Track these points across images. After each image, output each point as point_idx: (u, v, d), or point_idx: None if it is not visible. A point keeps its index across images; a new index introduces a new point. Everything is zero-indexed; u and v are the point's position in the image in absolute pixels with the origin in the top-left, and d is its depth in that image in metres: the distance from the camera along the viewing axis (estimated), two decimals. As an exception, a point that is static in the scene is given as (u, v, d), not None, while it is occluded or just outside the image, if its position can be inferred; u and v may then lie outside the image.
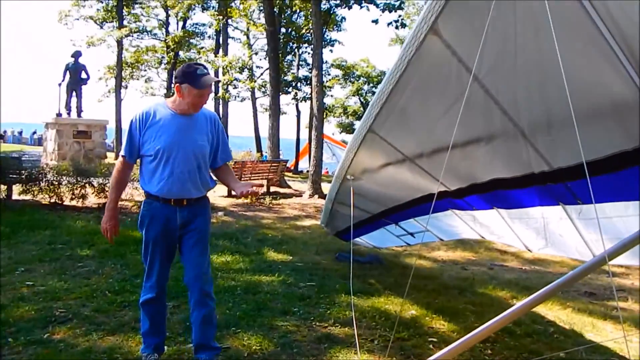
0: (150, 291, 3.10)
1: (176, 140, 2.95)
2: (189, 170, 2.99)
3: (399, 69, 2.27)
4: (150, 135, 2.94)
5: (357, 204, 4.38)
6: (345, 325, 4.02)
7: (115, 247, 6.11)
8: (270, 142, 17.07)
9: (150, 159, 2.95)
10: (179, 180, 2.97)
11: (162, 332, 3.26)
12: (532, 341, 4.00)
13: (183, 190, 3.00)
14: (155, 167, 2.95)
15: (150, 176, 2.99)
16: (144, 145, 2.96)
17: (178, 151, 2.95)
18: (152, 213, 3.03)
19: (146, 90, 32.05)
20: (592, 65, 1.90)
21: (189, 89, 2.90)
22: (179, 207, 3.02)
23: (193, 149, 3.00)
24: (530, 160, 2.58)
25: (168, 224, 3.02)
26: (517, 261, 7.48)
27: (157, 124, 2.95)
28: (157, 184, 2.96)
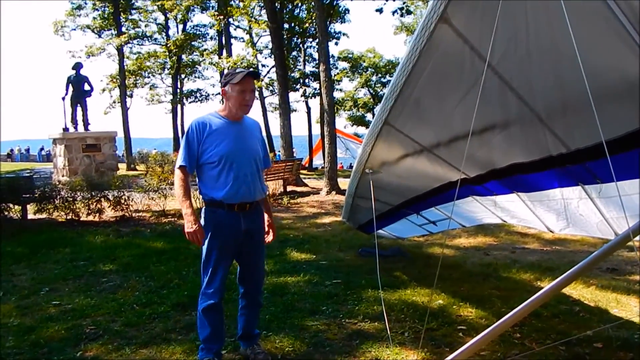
0: (212, 297, 3.21)
1: (236, 146, 3.17)
2: (251, 174, 3.22)
3: (410, 60, 2.35)
4: (210, 143, 3.13)
5: (378, 197, 4.46)
6: (375, 320, 4.14)
7: (138, 259, 6.33)
8: (283, 141, 17.16)
9: (213, 165, 3.14)
10: (244, 184, 3.17)
11: (222, 338, 3.41)
12: (559, 322, 4.10)
13: (248, 193, 3.21)
14: (219, 173, 3.14)
15: (213, 182, 3.16)
16: (204, 153, 3.14)
17: (239, 156, 3.17)
18: (217, 221, 3.17)
19: (152, 98, 32.28)
20: (606, 46, 1.96)
21: (231, 87, 3.14)
22: (242, 213, 3.20)
23: (251, 153, 3.26)
24: (548, 144, 2.66)
25: (234, 231, 3.20)
26: (538, 243, 7.57)
27: (215, 132, 3.15)
28: (222, 188, 3.14)
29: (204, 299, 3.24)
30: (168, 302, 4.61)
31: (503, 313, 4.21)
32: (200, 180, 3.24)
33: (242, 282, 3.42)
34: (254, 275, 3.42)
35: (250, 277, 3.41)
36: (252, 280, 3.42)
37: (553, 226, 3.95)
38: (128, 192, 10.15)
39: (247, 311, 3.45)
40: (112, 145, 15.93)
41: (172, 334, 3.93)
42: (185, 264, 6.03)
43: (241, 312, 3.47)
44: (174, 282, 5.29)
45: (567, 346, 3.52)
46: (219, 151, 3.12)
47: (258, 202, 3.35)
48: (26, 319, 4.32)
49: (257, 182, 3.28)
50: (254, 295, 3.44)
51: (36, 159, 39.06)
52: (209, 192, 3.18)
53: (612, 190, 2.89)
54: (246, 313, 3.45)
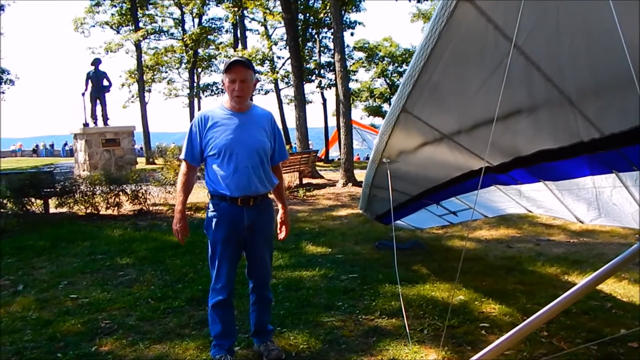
0: (220, 293, 3.16)
1: (237, 136, 3.06)
2: (252, 166, 3.09)
3: (429, 42, 2.18)
4: (211, 136, 3.07)
5: (396, 187, 4.33)
6: (393, 316, 3.97)
7: (154, 252, 6.30)
8: (299, 133, 17.05)
9: (214, 158, 3.07)
10: (244, 175, 3.06)
11: (234, 334, 3.36)
12: (590, 319, 3.87)
13: (249, 185, 3.09)
14: (219, 165, 3.07)
15: (215, 175, 3.09)
16: (206, 146, 3.09)
17: (240, 147, 3.06)
18: (220, 214, 3.11)
19: (169, 92, 32.53)
20: None
21: (226, 76, 3.06)
22: (246, 208, 3.10)
23: (254, 144, 3.11)
24: (579, 129, 2.47)
25: (236, 225, 3.11)
26: (564, 234, 7.28)
27: (217, 124, 3.08)
28: (223, 181, 3.06)
29: (213, 294, 3.20)
30: (182, 297, 4.56)
31: (528, 309, 4.05)
32: (206, 173, 3.17)
33: (250, 276, 3.35)
34: (259, 270, 3.32)
35: (255, 271, 3.32)
36: (258, 275, 3.33)
37: (583, 216, 3.72)
38: (146, 186, 10.17)
39: (257, 306, 3.37)
40: (131, 140, 15.98)
41: (186, 329, 3.87)
42: (201, 258, 5.91)
43: (252, 308, 3.39)
44: (188, 276, 5.23)
45: (599, 345, 3.29)
46: (218, 143, 3.05)
47: (266, 196, 3.23)
48: (44, 312, 4.33)
49: (261, 175, 3.14)
50: (260, 289, 3.36)
51: (60, 154, 39.67)
52: (213, 184, 3.12)
53: (651, 177, 2.69)
54: (256, 308, 3.37)
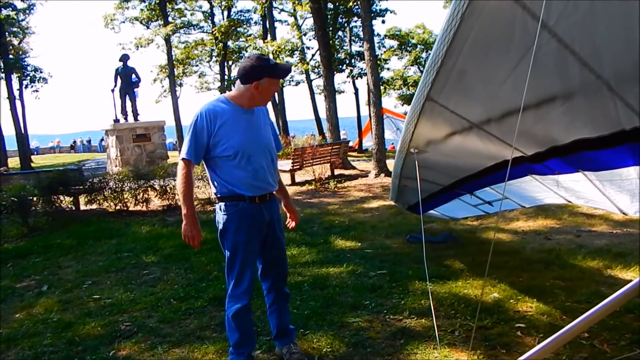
0: (242, 299, 3.03)
1: (251, 136, 2.98)
2: (267, 164, 3.05)
3: (452, 26, 2.05)
4: (223, 135, 2.90)
5: (426, 177, 4.22)
6: (422, 316, 3.85)
7: (179, 250, 6.31)
8: (329, 124, 16.97)
9: (230, 159, 2.92)
10: (263, 175, 3.02)
11: (254, 341, 3.25)
12: (635, 318, 3.64)
13: (267, 184, 3.06)
14: (236, 166, 2.93)
15: (231, 175, 2.95)
16: (217, 146, 2.91)
17: (255, 147, 2.99)
18: (240, 215, 2.96)
19: (201, 86, 32.95)
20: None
21: (270, 81, 2.92)
22: (263, 204, 3.04)
23: (266, 143, 3.08)
24: (620, 116, 2.29)
25: (258, 223, 3.04)
26: (607, 225, 6.92)
27: (227, 122, 2.91)
28: (242, 182, 2.95)
29: (232, 302, 3.04)
30: (205, 297, 4.54)
31: (567, 307, 3.86)
32: (216, 174, 3.00)
33: (267, 276, 3.24)
34: (279, 267, 3.25)
35: (275, 269, 3.23)
36: (278, 273, 3.25)
37: (626, 208, 3.51)
38: (175, 180, 10.19)
39: (278, 306, 3.28)
40: (161, 135, 16.16)
41: (207, 331, 3.83)
42: (226, 254, 5.93)
43: (271, 310, 3.29)
44: (213, 275, 5.21)
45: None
46: (233, 144, 2.91)
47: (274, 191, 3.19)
48: (66, 314, 4.36)
49: (273, 172, 3.13)
50: (280, 287, 3.28)
51: (97, 149, 40.69)
52: (229, 186, 2.96)
53: (699, 168, 2.50)
54: (277, 309, 3.28)
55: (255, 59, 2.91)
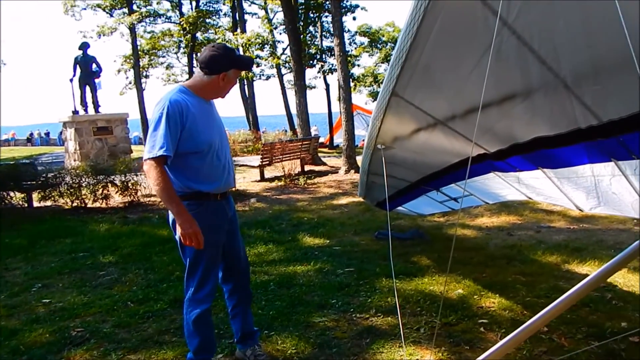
0: (204, 302, 2.90)
1: (216, 130, 2.90)
2: (230, 159, 3.00)
3: (415, 20, 2.07)
4: (193, 130, 2.73)
5: (393, 173, 4.28)
6: (388, 313, 3.89)
7: (140, 249, 6.17)
8: (300, 119, 16.96)
9: (199, 155, 2.78)
10: (230, 171, 2.97)
11: (215, 345, 3.15)
12: (590, 311, 3.80)
13: (232, 180, 3.02)
14: (204, 161, 2.80)
15: (197, 173, 2.80)
16: (186, 141, 2.72)
17: (220, 141, 2.91)
18: (206, 214, 2.82)
19: (168, 78, 32.39)
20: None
21: (235, 73, 2.86)
22: (224, 201, 2.98)
23: (226, 137, 3.03)
24: (576, 115, 2.38)
25: (223, 222, 2.97)
26: (565, 220, 7.22)
27: (194, 115, 2.74)
28: (211, 179, 2.85)
29: (193, 306, 2.91)
30: (165, 299, 4.41)
31: (528, 302, 3.99)
32: (179, 171, 2.80)
33: (230, 277, 3.16)
34: (242, 264, 3.19)
35: (238, 268, 3.16)
36: (242, 271, 3.19)
37: (582, 205, 3.65)
38: (139, 175, 9.96)
39: (242, 308, 3.21)
40: (125, 128, 15.80)
41: (166, 335, 3.71)
42: (190, 253, 5.86)
43: (235, 312, 3.21)
44: (175, 275, 5.09)
45: (600, 340, 3.22)
46: (204, 139, 2.78)
47: None
48: (11, 320, 4.12)
49: (233, 166, 3.06)
50: (245, 286, 3.22)
51: (57, 142, 39.52)
52: (193, 184, 2.80)
53: (651, 166, 2.61)
54: (241, 310, 3.21)
55: (222, 49, 2.82)
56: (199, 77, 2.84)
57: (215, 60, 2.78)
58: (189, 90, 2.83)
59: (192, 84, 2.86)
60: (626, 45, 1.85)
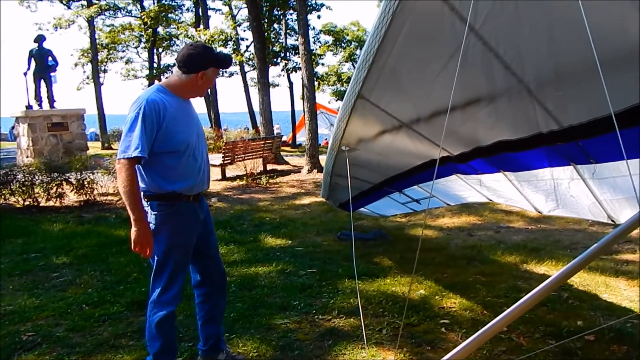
0: (170, 304, 2.84)
1: (194, 130, 2.86)
2: (207, 160, 2.98)
3: (383, 23, 2.08)
4: (170, 129, 2.69)
5: (357, 175, 4.30)
6: (351, 315, 3.90)
7: (95, 249, 5.99)
8: (263, 118, 16.86)
9: (175, 155, 2.74)
10: (206, 173, 2.94)
11: (176, 350, 3.06)
12: (548, 310, 3.90)
13: (207, 181, 2.99)
14: (183, 162, 2.77)
15: (172, 173, 2.75)
16: (163, 140, 2.68)
17: (198, 140, 2.88)
18: (177, 215, 2.79)
19: (127, 73, 31.74)
20: (609, 7, 1.72)
21: (214, 71, 2.86)
22: (197, 203, 2.92)
23: (203, 136, 2.99)
24: (538, 120, 2.44)
25: (195, 224, 2.92)
26: (523, 221, 7.43)
27: (172, 115, 2.71)
28: (185, 179, 2.80)
29: (158, 308, 2.83)
30: (122, 301, 4.29)
31: (488, 302, 4.07)
32: (154, 171, 2.74)
33: (209, 280, 3.10)
34: (221, 267, 3.18)
35: (218, 269, 3.15)
36: (221, 273, 3.17)
37: (541, 207, 3.76)
38: (95, 173, 9.71)
39: (219, 312, 3.17)
40: (81, 124, 15.30)
41: (123, 339, 3.61)
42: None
43: (209, 316, 3.13)
44: (132, 277, 4.96)
45: (558, 339, 3.32)
46: (182, 139, 2.74)
47: None
48: None
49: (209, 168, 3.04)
50: (223, 289, 3.21)
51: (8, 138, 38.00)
52: (167, 184, 2.75)
53: (607, 170, 2.71)
54: (217, 315, 3.16)
55: (202, 48, 2.81)
56: (177, 76, 2.81)
57: (194, 59, 2.76)
58: (167, 89, 2.79)
59: (170, 83, 2.84)
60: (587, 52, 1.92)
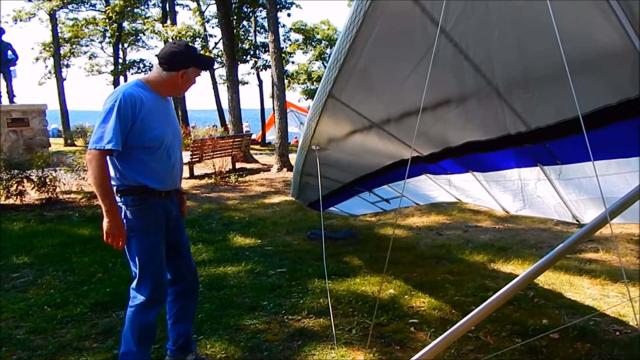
0: (161, 303, 2.87)
1: (171, 128, 2.88)
2: (181, 158, 3.02)
3: (354, 23, 2.07)
4: (145, 124, 2.69)
5: (327, 174, 4.31)
6: (320, 315, 3.89)
7: (58, 249, 5.83)
8: (232, 115, 16.74)
9: (150, 150, 2.74)
10: (179, 170, 2.98)
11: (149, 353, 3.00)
12: (514, 309, 3.97)
13: (179, 179, 3.02)
14: (157, 158, 2.77)
15: (145, 168, 2.75)
16: (137, 134, 2.67)
17: (175, 139, 2.90)
18: (150, 210, 2.78)
19: (91, 68, 31.11)
20: (577, 12, 1.75)
21: (195, 71, 2.86)
22: (168, 199, 2.92)
23: (180, 135, 3.02)
24: (506, 121, 2.48)
25: (168, 219, 2.91)
26: (491, 220, 7.56)
27: (150, 110, 2.72)
28: (161, 176, 2.81)
29: (149, 308, 2.80)
30: (86, 302, 4.18)
31: (457, 302, 4.12)
32: (127, 164, 2.73)
33: (181, 278, 3.07)
34: (191, 264, 3.15)
35: (189, 267, 3.12)
36: (193, 271, 3.14)
37: (509, 207, 3.83)
38: (58, 171, 9.45)
39: (190, 310, 3.15)
40: (42, 120, 14.81)
41: (87, 341, 3.52)
42: (113, 254, 5.53)
43: (179, 315, 3.09)
44: (96, 277, 4.85)
45: (524, 337, 3.37)
46: (157, 135, 2.74)
47: None
48: None
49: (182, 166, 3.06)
50: (196, 287, 3.19)
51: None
52: (140, 178, 2.73)
53: (572, 172, 2.77)
54: (189, 313, 3.14)
55: (184, 47, 2.82)
56: (158, 72, 2.81)
57: (176, 57, 2.77)
58: (146, 85, 2.79)
59: (150, 79, 2.84)
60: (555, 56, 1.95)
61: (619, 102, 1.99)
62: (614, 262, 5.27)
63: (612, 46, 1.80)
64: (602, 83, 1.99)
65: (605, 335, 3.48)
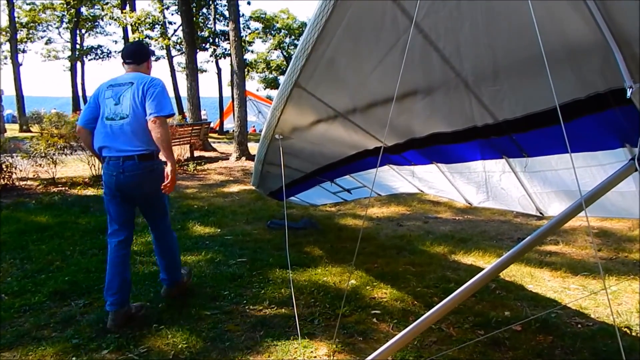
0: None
1: None
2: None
3: (323, 12, 1.96)
4: None
5: (289, 164, 4.21)
6: (282, 305, 3.77)
7: (14, 237, 5.53)
8: (190, 103, 16.34)
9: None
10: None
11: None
12: (476, 301, 3.91)
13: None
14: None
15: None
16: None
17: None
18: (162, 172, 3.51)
19: (48, 54, 29.94)
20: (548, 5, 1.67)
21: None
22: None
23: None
24: (474, 113, 2.41)
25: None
26: (450, 212, 7.55)
27: None
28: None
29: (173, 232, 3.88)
30: (44, 291, 3.96)
31: (419, 293, 4.07)
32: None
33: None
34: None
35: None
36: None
37: (472, 198, 3.78)
38: (14, 157, 8.95)
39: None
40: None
41: (45, 330, 3.33)
42: (72, 242, 5.33)
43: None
44: (54, 265, 4.60)
45: (486, 330, 3.33)
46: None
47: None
48: None
49: None
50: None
51: None
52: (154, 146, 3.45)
53: (538, 164, 2.73)
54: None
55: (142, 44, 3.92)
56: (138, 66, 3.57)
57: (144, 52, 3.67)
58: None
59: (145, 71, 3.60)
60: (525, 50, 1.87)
61: (588, 95, 1.94)
62: (574, 254, 5.31)
63: (583, 40, 1.73)
64: (572, 77, 1.92)
65: (567, 327, 3.47)
